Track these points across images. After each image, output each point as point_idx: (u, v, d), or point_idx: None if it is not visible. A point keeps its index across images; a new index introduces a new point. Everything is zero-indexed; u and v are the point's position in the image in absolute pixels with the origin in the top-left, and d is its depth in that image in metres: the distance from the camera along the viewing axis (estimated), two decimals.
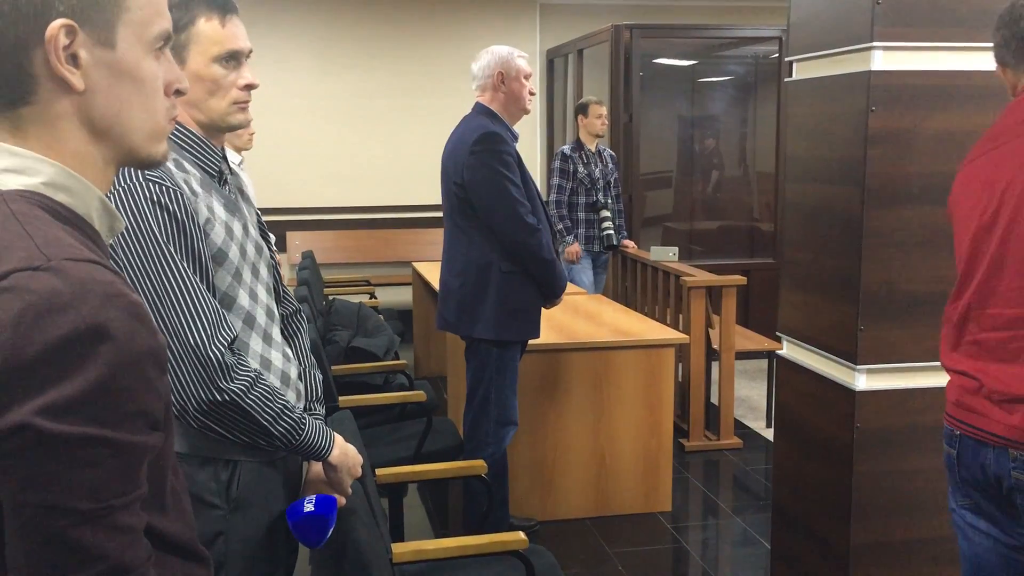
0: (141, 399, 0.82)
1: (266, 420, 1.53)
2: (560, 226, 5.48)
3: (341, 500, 1.74)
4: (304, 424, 1.60)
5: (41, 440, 0.77)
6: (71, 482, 0.78)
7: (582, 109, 5.59)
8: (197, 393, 1.46)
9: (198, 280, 1.48)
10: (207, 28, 1.56)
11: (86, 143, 0.91)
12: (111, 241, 0.97)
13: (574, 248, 5.49)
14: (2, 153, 0.89)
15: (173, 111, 0.98)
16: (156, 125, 0.95)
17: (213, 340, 1.46)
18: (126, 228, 1.41)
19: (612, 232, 5.50)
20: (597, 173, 5.54)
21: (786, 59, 2.89)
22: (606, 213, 5.51)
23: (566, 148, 5.61)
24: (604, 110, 5.57)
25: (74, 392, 0.77)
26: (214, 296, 1.53)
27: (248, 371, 1.51)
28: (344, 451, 1.72)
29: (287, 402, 1.58)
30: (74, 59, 0.88)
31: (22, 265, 0.79)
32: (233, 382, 1.48)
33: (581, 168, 5.51)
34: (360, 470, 1.77)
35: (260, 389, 1.52)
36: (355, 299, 5.04)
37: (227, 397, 1.47)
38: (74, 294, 0.78)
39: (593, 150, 5.58)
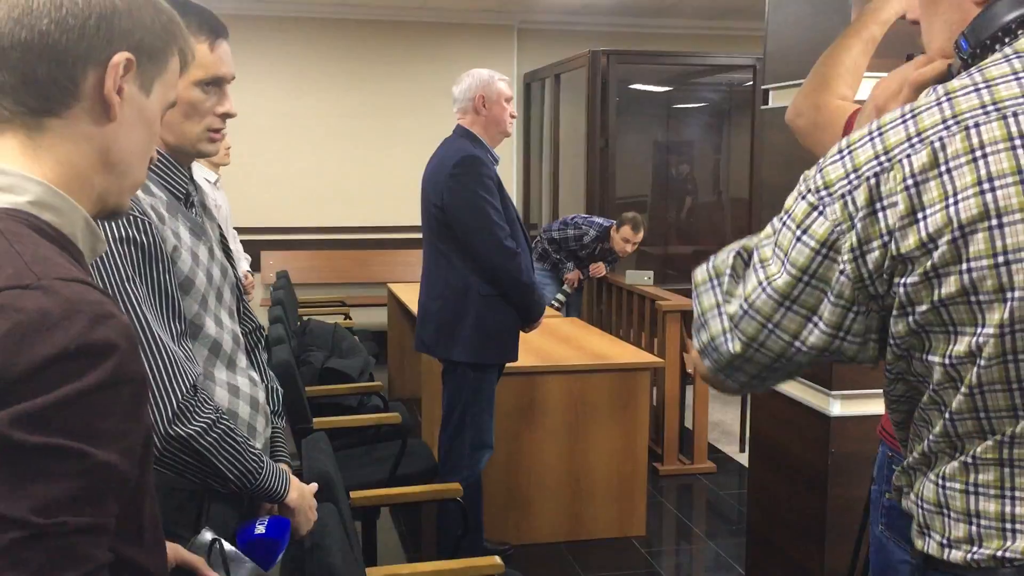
0: (117, 421, 0.79)
1: (221, 463, 1.47)
2: (556, 256, 5.67)
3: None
4: (261, 468, 1.54)
5: (5, 447, 0.74)
6: (24, 492, 0.74)
7: (624, 221, 5.57)
8: None
9: (160, 321, 1.43)
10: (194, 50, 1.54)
11: (93, 170, 0.94)
12: (92, 261, 0.96)
13: (574, 275, 5.63)
14: None
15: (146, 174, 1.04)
16: (141, 178, 1.01)
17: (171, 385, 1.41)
18: (91, 264, 1.37)
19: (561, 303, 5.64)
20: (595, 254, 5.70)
21: (762, 87, 2.92)
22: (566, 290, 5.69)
23: (593, 230, 5.62)
24: (634, 236, 5.55)
25: (48, 401, 0.75)
26: (183, 327, 1.49)
27: (208, 413, 1.45)
28: (301, 493, 1.66)
29: (248, 444, 1.53)
30: (119, 91, 0.93)
31: (11, 283, 0.78)
32: (189, 425, 1.42)
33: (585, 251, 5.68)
34: (315, 514, 1.72)
35: (219, 431, 1.46)
36: (330, 320, 5.01)
37: (182, 436, 1.41)
38: (63, 314, 0.77)
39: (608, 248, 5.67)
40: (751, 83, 6.77)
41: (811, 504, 2.62)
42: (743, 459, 4.87)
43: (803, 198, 1.03)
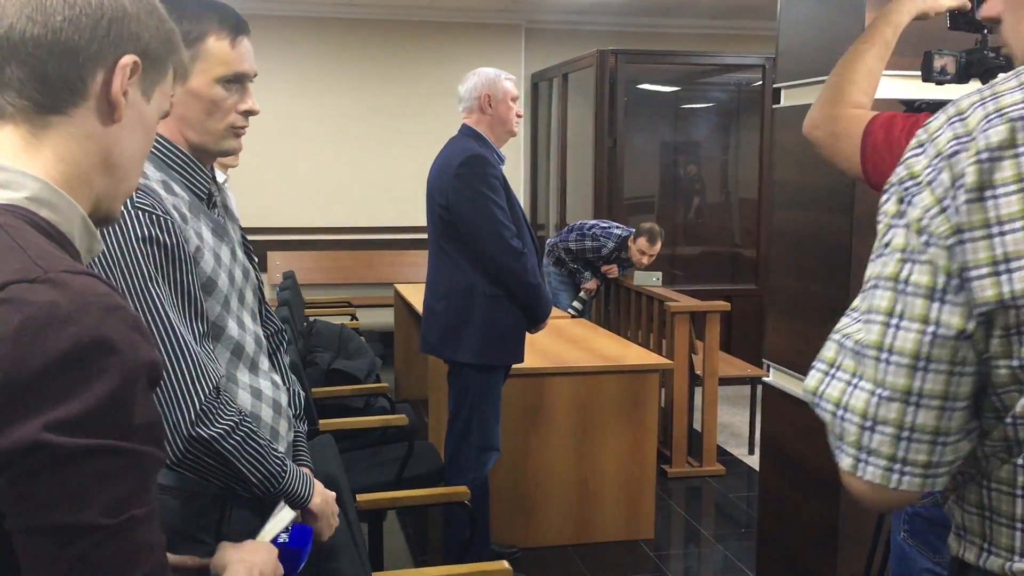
0: (146, 412, 0.81)
1: (244, 466, 1.45)
2: (573, 265, 5.57)
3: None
4: (285, 471, 1.52)
5: (57, 457, 0.75)
6: (92, 497, 0.76)
7: (641, 232, 5.37)
8: (171, 436, 1.37)
9: (183, 322, 1.42)
10: (216, 47, 1.51)
11: (94, 170, 0.93)
12: (89, 262, 0.95)
13: (592, 284, 5.56)
14: None
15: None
16: (134, 185, 1.01)
17: (193, 389, 1.39)
18: (114, 263, 1.35)
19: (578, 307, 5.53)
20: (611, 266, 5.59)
21: (774, 85, 2.89)
22: (583, 296, 5.56)
23: (612, 242, 5.49)
24: (650, 248, 5.35)
25: (83, 408, 0.76)
26: (206, 328, 1.47)
27: (231, 415, 1.44)
28: (324, 498, 1.64)
29: (271, 448, 1.50)
30: (124, 94, 0.94)
31: (18, 277, 0.77)
32: (212, 427, 1.40)
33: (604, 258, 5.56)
34: (337, 519, 1.71)
35: (242, 433, 1.44)
36: (336, 320, 4.99)
37: (204, 438, 1.40)
38: (74, 306, 0.77)
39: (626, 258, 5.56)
40: (760, 83, 6.73)
41: (823, 508, 2.59)
42: (752, 461, 4.83)
43: (892, 196, 0.97)
